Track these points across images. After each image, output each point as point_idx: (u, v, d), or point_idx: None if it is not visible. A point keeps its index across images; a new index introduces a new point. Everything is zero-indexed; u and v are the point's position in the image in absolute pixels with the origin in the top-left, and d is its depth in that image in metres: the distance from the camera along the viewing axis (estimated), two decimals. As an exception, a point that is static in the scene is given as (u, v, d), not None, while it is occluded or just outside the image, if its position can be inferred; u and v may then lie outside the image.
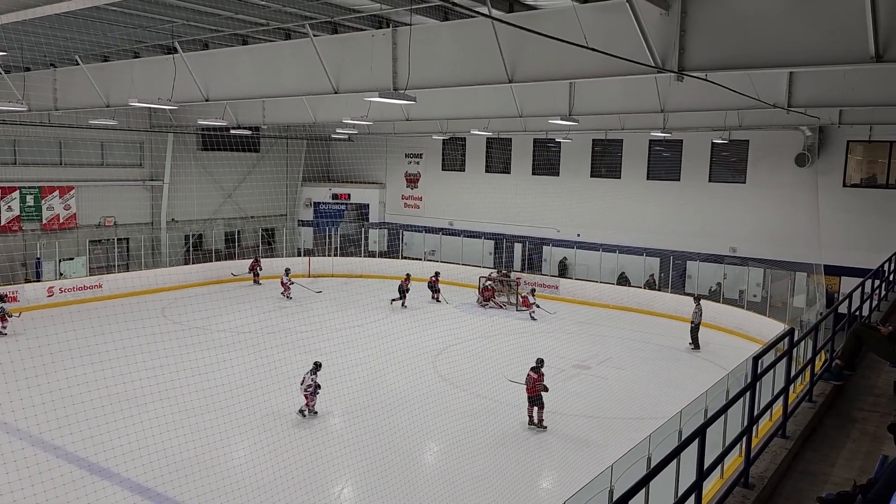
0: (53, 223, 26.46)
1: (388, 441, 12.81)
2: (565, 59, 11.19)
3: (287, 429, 13.08)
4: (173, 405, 13.83)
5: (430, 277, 26.74)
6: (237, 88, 15.88)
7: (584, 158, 29.09)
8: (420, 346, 19.11)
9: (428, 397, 15.15)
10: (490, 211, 31.04)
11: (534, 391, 14.13)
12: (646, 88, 16.09)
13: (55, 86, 19.40)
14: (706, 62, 9.89)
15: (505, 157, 31.66)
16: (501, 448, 13.02)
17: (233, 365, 15.87)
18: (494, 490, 11.23)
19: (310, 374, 14.36)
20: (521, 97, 17.86)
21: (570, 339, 21.43)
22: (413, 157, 34.73)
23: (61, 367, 15.03)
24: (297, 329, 21.15)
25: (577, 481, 9.76)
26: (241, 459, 12.40)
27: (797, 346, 7.73)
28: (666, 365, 19.36)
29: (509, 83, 11.91)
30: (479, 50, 11.99)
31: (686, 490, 4.49)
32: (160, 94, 15.96)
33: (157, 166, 29.88)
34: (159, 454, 11.11)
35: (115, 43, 16.11)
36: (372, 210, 35.69)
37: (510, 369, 17.14)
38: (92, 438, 11.61)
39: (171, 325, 21.68)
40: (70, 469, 11.47)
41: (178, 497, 10.60)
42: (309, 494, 10.65)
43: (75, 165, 27.23)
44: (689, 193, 26.50)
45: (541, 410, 14.20)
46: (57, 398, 11.89)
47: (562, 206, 28.99)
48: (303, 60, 14.04)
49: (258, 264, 29.39)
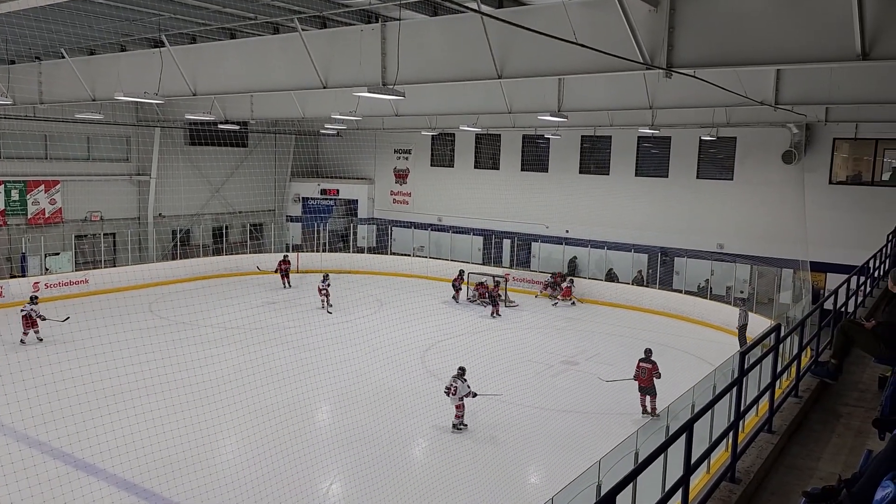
0: (39, 218, 26.21)
1: (376, 436, 12.81)
2: (554, 55, 11.20)
3: (275, 424, 13.04)
4: (161, 401, 13.76)
5: (455, 278, 26.50)
6: (225, 83, 15.77)
7: (572, 155, 29.15)
8: (409, 341, 19.10)
9: (416, 393, 15.15)
10: (479, 207, 31.03)
11: (648, 381, 14.67)
12: (634, 85, 16.13)
13: (40, 79, 19.20)
14: (695, 59, 9.93)
15: (494, 154, 31.66)
16: (490, 444, 13.05)
17: (220, 361, 15.78)
18: (482, 485, 11.25)
19: (457, 379, 13.48)
20: (511, 93, 17.86)
21: (558, 335, 21.50)
22: (402, 152, 34.67)
23: (47, 363, 14.90)
24: (285, 325, 21.11)
25: (565, 477, 9.80)
26: (228, 455, 12.35)
27: (783, 341, 7.78)
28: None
29: (498, 79, 11.90)
30: (469, 45, 11.97)
31: (673, 485, 4.52)
32: (147, 88, 15.83)
33: (144, 161, 29.66)
34: (146, 450, 11.05)
35: (102, 36, 15.94)
36: (360, 206, 35.60)
37: (500, 365, 17.19)
38: (78, 434, 11.54)
39: (158, 321, 21.56)
40: (56, 465, 11.39)
41: (166, 493, 10.55)
42: (297, 490, 10.63)
43: (61, 160, 26.99)
44: (677, 190, 26.62)
45: (654, 399, 14.68)
46: (42, 394, 11.79)
47: (550, 203, 29.04)
48: (291, 55, 13.96)
49: (287, 263, 27.95)
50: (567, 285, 26.50)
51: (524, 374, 17.03)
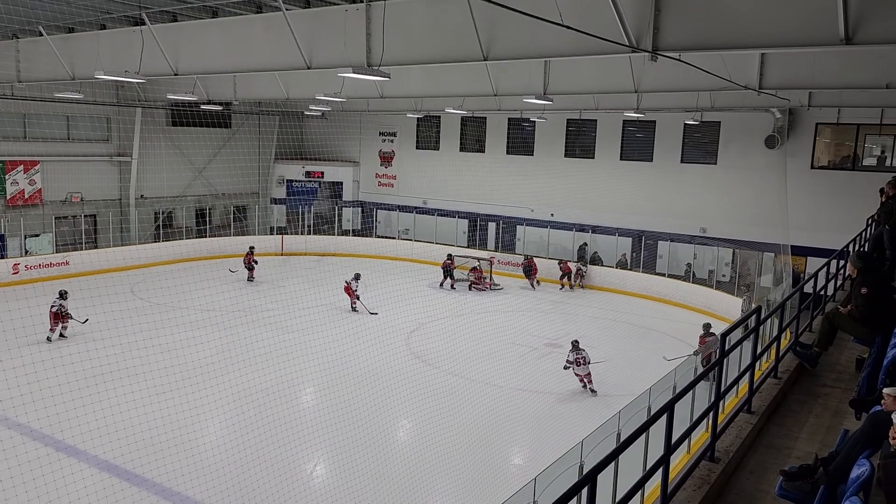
0: (18, 199, 25.82)
1: (360, 418, 12.84)
2: (540, 37, 11.15)
3: (258, 407, 13.03)
4: (143, 383, 13.71)
5: (444, 261, 26.41)
6: (207, 62, 15.56)
7: (558, 138, 29.14)
8: (393, 324, 19.13)
9: (401, 375, 15.19)
10: (464, 190, 30.97)
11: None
12: (620, 68, 16.12)
13: (18, 57, 18.84)
14: (680, 42, 9.93)
15: (479, 136, 31.57)
16: (474, 425, 13.13)
17: (203, 343, 15.71)
18: (466, 467, 11.34)
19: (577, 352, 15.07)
20: (496, 75, 17.79)
21: (542, 318, 21.61)
22: (387, 135, 34.48)
23: (26, 344, 14.78)
24: (267, 307, 21.05)
25: (548, 458, 9.88)
26: (212, 437, 12.34)
27: (763, 324, 7.87)
28: (636, 343, 19.62)
29: (484, 61, 11.84)
30: (454, 27, 11.88)
31: (654, 464, 4.57)
32: (127, 66, 15.56)
33: (125, 141, 29.27)
34: (129, 432, 11.02)
35: (81, 13, 15.66)
36: (346, 188, 35.43)
37: (485, 348, 17.26)
38: (58, 416, 11.46)
39: (140, 303, 21.41)
40: (35, 447, 11.32)
41: (148, 475, 10.54)
42: (281, 472, 10.65)
43: (40, 140, 26.56)
44: (662, 174, 26.72)
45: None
46: (21, 375, 11.68)
47: (536, 186, 29.06)
48: (275, 34, 13.78)
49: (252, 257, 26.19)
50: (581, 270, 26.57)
51: (508, 356, 17.13)
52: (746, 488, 5.15)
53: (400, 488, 10.45)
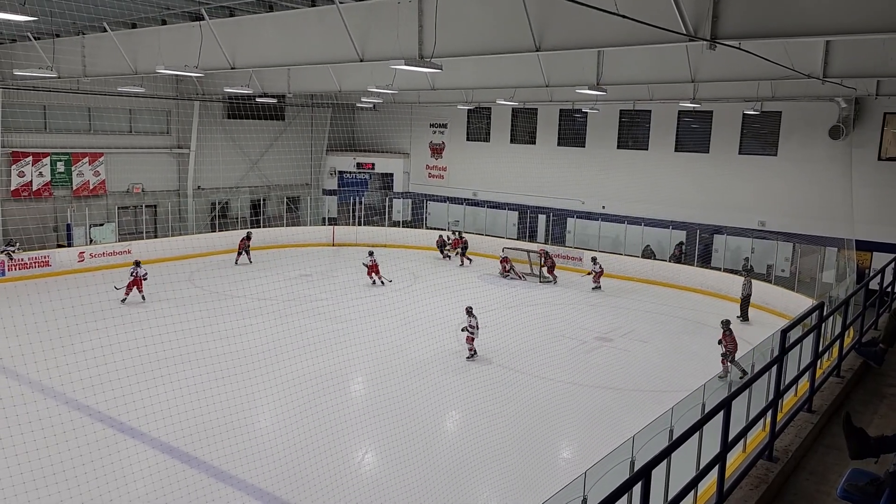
0: (83, 189, 26.84)
1: (409, 409, 12.94)
2: (594, 26, 11.00)
3: (309, 394, 13.26)
4: (200, 369, 14.11)
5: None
6: (263, 56, 15.84)
7: (610, 129, 28.71)
8: (443, 315, 19.20)
9: (450, 367, 15.27)
10: (514, 182, 30.84)
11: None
12: (676, 57, 15.78)
13: (84, 52, 19.51)
14: (740, 30, 9.66)
15: (530, 128, 31.34)
16: (522, 418, 13.10)
17: (257, 331, 16.07)
18: (515, 459, 11.33)
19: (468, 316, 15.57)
20: (548, 66, 17.62)
21: (592, 312, 21.38)
22: (438, 126, 34.54)
23: (93, 329, 15.38)
24: (319, 297, 21.38)
25: (598, 453, 9.80)
26: (264, 423, 12.63)
27: (826, 321, 7.62)
28: (689, 339, 19.26)
29: (536, 52, 11.74)
30: (507, 18, 11.81)
31: (710, 461, 4.48)
32: (187, 61, 16.00)
33: (184, 134, 30.08)
34: (186, 416, 11.35)
35: (143, 9, 16.11)
36: (396, 180, 35.66)
37: (534, 340, 17.21)
38: (124, 398, 11.92)
39: (197, 291, 22.01)
40: (100, 428, 11.79)
41: (204, 457, 10.85)
42: (332, 459, 10.83)
43: (104, 132, 27.54)
44: (718, 166, 26.07)
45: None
46: (89, 358, 12.16)
47: (587, 178, 28.72)
48: (328, 28, 13.93)
49: (247, 241, 26.98)
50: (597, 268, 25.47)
51: (558, 349, 17.01)
52: (806, 489, 5.01)
53: (448, 479, 10.52)
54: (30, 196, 25.29)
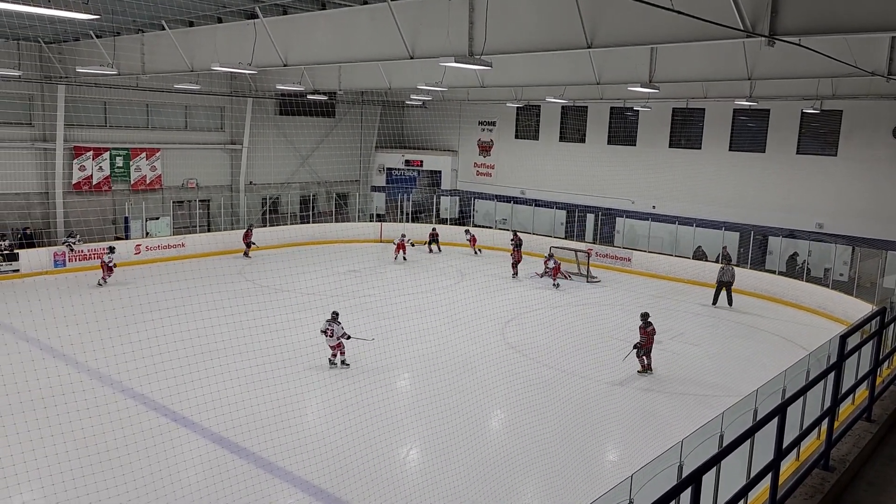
0: (140, 184, 27.66)
1: (454, 405, 12.96)
2: (648, 22, 10.81)
3: (356, 389, 13.41)
4: (250, 361, 14.41)
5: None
6: (315, 53, 16.03)
7: (662, 128, 28.22)
8: (489, 313, 19.18)
9: (495, 365, 15.23)
10: (563, 181, 30.58)
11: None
12: (733, 54, 15.39)
13: (143, 50, 20.08)
14: (801, 26, 9.36)
15: (580, 126, 31.03)
16: (567, 418, 12.98)
17: (305, 325, 16.30)
18: (559, 459, 11.23)
19: (331, 323, 14.78)
20: (600, 63, 17.39)
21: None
22: (486, 124, 34.47)
23: (149, 320, 15.84)
24: (366, 292, 21.57)
25: (644, 456, 9.65)
26: (312, 416, 12.81)
27: (887, 327, 7.34)
28: (741, 343, 18.79)
29: (588, 49, 11.59)
30: (558, 14, 11.70)
31: (763, 469, 4.36)
32: (241, 58, 16.31)
33: (237, 130, 30.71)
34: (236, 407, 11.60)
35: (200, 8, 16.49)
36: (444, 177, 35.74)
37: (579, 340, 17.04)
38: (177, 388, 12.25)
39: (248, 285, 22.45)
40: (154, 416, 12.14)
41: (253, 448, 11.07)
42: (377, 454, 10.92)
43: (161, 129, 28.32)
44: (775, 166, 25.36)
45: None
46: (144, 348, 12.53)
47: (638, 177, 28.29)
48: (379, 25, 14.03)
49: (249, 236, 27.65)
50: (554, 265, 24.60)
51: (604, 350, 16.79)
52: (864, 501, 4.84)
53: (491, 477, 10.50)
54: (90, 190, 26.19)
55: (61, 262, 23.28)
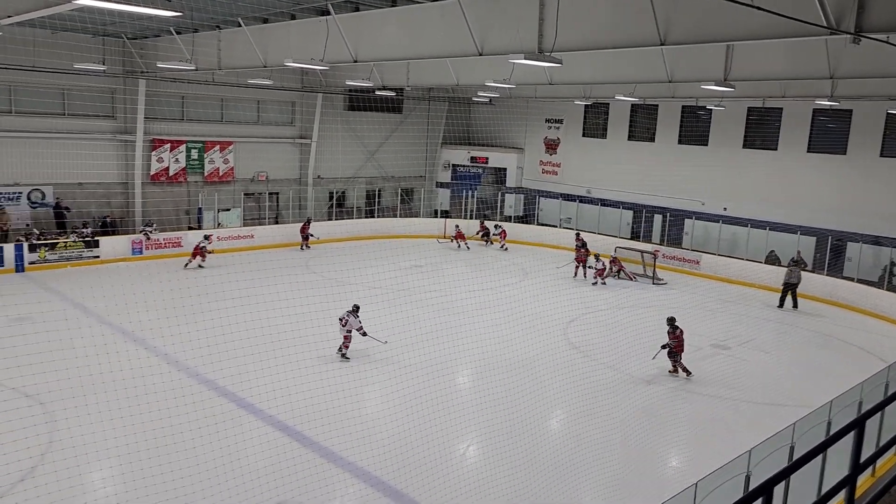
0: (214, 176, 28.58)
1: (514, 404, 12.92)
2: (725, 18, 10.50)
3: (417, 384, 13.50)
4: (314, 352, 14.72)
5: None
6: (385, 50, 16.20)
7: (737, 127, 27.35)
8: (551, 312, 19.02)
9: (557, 365, 15.11)
10: (630, 180, 30.03)
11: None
12: (814, 51, 14.79)
13: (219, 46, 20.72)
14: (890, 22, 8.91)
15: (650, 125, 30.40)
16: (629, 421, 12.77)
17: (368, 318, 16.53)
18: (619, 463, 11.06)
19: (351, 314, 15.14)
20: (672, 60, 16.99)
21: (709, 317, 20.48)
22: (553, 122, 34.16)
23: (217, 308, 16.36)
24: (429, 288, 21.69)
25: (709, 463, 9.40)
26: (373, 408, 13.00)
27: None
28: (815, 352, 18.08)
29: (661, 46, 11.34)
30: (631, 10, 11.48)
31: (837, 484, 4.20)
32: (313, 55, 16.65)
33: (307, 124, 31.35)
34: (300, 396, 11.84)
35: (275, 5, 16.90)
36: (509, 175, 35.62)
37: (646, 343, 16.73)
38: (243, 374, 12.63)
39: (313, 277, 22.92)
40: (222, 402, 12.54)
41: (316, 437, 11.31)
42: (436, 448, 10.99)
43: (234, 122, 29.20)
44: (857, 168, 24.25)
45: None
46: (212, 335, 12.95)
47: (709, 178, 27.53)
48: (449, 22, 14.06)
49: (306, 228, 27.95)
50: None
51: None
52: (947, 524, 4.58)
53: (549, 477, 10.43)
54: (167, 181, 27.23)
55: (138, 249, 24.29)
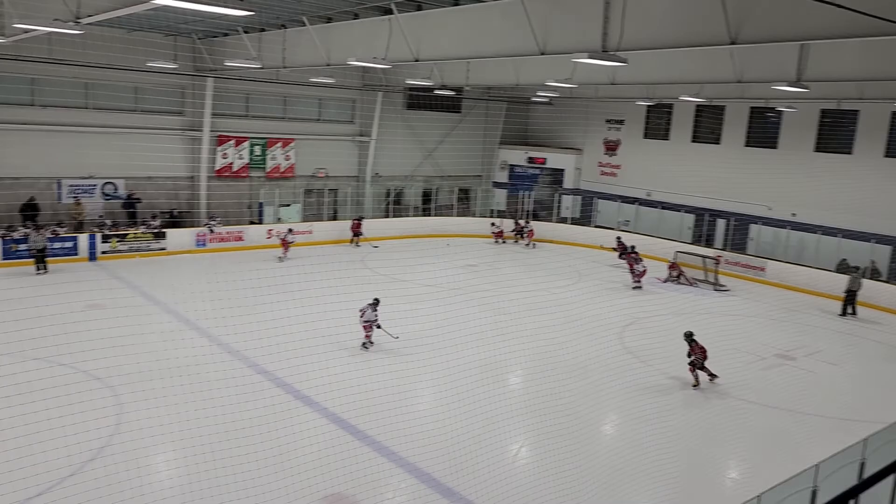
0: (275, 172, 29.18)
1: (567, 407, 12.74)
2: (801, 16, 10.10)
3: (469, 382, 13.45)
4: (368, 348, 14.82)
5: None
6: (445, 49, 16.20)
7: (808, 130, 26.34)
8: (607, 316, 18.71)
9: (612, 369, 14.85)
10: (693, 183, 29.29)
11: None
12: (894, 51, 14.10)
13: (284, 45, 21.12)
14: (982, 20, 8.41)
15: (715, 126, 29.58)
16: (687, 430, 12.44)
17: (422, 316, 16.58)
18: (675, 472, 10.77)
19: (370, 307, 15.40)
20: (742, 60, 16.50)
21: (774, 326, 19.79)
22: (614, 122, 33.61)
23: (275, 300, 16.64)
24: (483, 287, 21.62)
25: (771, 477, 9.07)
26: (425, 405, 13.01)
27: None
28: (887, 366, 17.27)
29: (731, 45, 10.98)
30: (700, 8, 11.17)
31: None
32: (375, 53, 16.78)
33: (366, 123, 31.67)
34: (354, 390, 11.96)
35: (339, 4, 17.11)
36: (567, 176, 35.21)
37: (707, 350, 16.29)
38: (297, 367, 12.82)
39: (368, 273, 23.12)
40: (278, 393, 12.76)
41: (369, 431, 11.39)
42: (487, 448, 10.92)
43: (296, 120, 29.73)
44: (940, 175, 23.06)
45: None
46: (270, 327, 13.18)
47: (777, 182, 26.59)
48: (511, 21, 13.96)
49: (358, 225, 28.21)
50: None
51: (730, 364, 15.93)
52: None
53: (603, 483, 10.24)
54: (230, 176, 27.93)
55: (202, 242, 24.97)
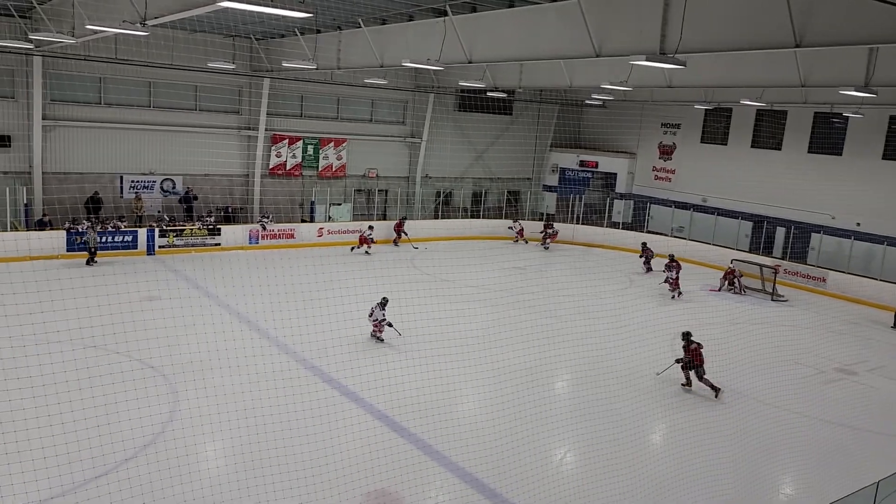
0: (327, 171, 29.56)
1: (615, 414, 12.52)
2: (870, 18, 9.75)
3: (516, 385, 13.36)
4: (415, 346, 14.88)
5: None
6: (499, 51, 16.12)
7: (876, 137, 25.36)
8: (658, 323, 18.35)
9: (662, 378, 14.54)
10: (751, 189, 28.52)
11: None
12: (971, 55, 13.47)
13: (339, 47, 21.37)
14: None
15: (776, 132, 28.73)
16: (740, 442, 12.07)
17: (470, 317, 16.53)
18: (726, 484, 10.47)
19: (378, 307, 15.58)
20: (806, 63, 15.97)
21: (834, 339, 19.09)
22: (670, 126, 32.97)
23: (324, 298, 16.85)
24: (531, 290, 21.48)
25: (828, 494, 8.75)
26: (471, 406, 12.96)
27: None
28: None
29: (795, 48, 10.63)
30: (763, 9, 10.86)
31: None
32: (429, 55, 16.82)
33: (418, 124, 31.82)
34: (401, 388, 11.98)
35: (394, 7, 17.21)
36: (619, 180, 34.69)
37: (760, 361, 15.85)
38: (345, 363, 12.93)
39: (417, 273, 23.19)
40: (326, 388, 12.89)
41: (414, 430, 11.40)
42: (533, 452, 10.81)
43: (348, 120, 30.06)
44: None
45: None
46: (320, 323, 13.32)
47: (841, 190, 25.67)
48: (567, 22, 13.80)
49: (401, 225, 28.08)
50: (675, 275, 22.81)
51: (788, 375, 15.43)
52: None
53: (650, 493, 10.01)
54: (284, 175, 28.41)
55: (255, 239, 25.45)
